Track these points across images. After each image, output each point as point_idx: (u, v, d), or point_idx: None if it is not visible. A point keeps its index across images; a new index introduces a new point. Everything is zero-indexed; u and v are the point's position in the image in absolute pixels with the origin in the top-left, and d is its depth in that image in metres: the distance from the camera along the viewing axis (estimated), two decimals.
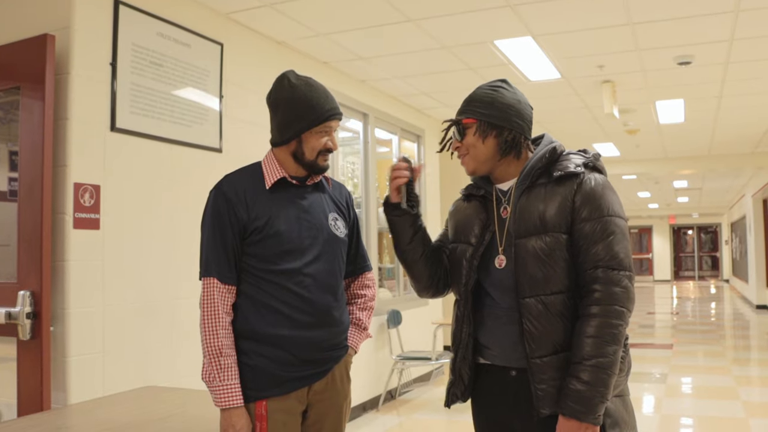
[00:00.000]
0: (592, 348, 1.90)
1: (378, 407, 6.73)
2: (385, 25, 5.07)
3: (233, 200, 2.30)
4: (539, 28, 5.20)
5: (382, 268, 7.57)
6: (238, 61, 4.80)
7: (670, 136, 10.08)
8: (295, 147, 2.35)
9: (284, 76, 2.38)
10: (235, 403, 2.22)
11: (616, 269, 1.95)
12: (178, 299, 4.09)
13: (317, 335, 2.34)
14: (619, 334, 1.93)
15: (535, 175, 2.09)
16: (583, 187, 2.02)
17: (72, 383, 3.43)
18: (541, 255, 1.99)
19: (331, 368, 2.39)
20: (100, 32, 3.70)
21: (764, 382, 8.15)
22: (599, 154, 2.16)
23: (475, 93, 2.18)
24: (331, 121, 2.36)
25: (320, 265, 2.36)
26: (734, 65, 6.23)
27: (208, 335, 2.23)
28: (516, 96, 2.15)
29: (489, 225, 2.17)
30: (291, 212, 2.35)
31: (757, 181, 15.14)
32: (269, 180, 2.36)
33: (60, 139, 3.50)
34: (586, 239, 1.98)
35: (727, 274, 29.94)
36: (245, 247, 2.30)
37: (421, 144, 8.28)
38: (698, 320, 15.23)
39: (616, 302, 1.93)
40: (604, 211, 1.99)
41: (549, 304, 1.98)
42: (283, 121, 2.35)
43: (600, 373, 1.89)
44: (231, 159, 4.54)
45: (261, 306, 2.29)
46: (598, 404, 1.89)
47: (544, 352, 1.97)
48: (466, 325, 2.15)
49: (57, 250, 3.47)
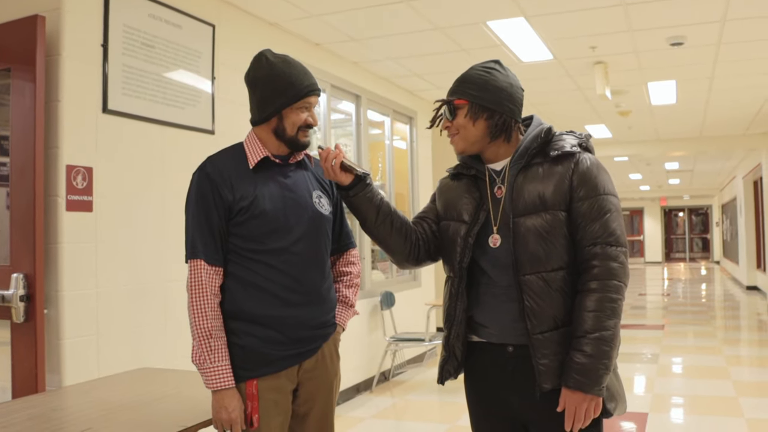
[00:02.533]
0: (594, 321, 1.96)
1: (371, 389, 6.76)
2: (378, 6, 5.05)
3: (217, 181, 2.30)
4: (532, 9, 5.18)
5: (375, 250, 7.57)
6: (231, 42, 4.78)
7: (662, 117, 10.09)
8: (276, 124, 2.35)
9: (261, 55, 2.38)
10: (227, 384, 2.23)
11: (613, 245, 2.02)
12: (171, 281, 4.09)
13: (306, 313, 2.36)
14: (618, 308, 2.00)
15: (531, 155, 2.13)
16: (579, 166, 2.08)
17: (66, 365, 3.44)
18: (542, 232, 2.03)
19: (320, 346, 2.41)
20: (91, 13, 3.67)
21: (754, 362, 8.23)
22: (590, 135, 2.22)
23: (468, 73, 2.19)
24: (310, 97, 2.36)
25: (306, 244, 2.37)
26: (726, 46, 6.23)
27: (197, 317, 2.23)
28: (508, 79, 2.17)
29: (483, 204, 2.18)
30: (275, 191, 2.35)
31: (748, 163, 15.19)
32: (252, 160, 2.36)
33: (51, 121, 3.48)
34: (584, 217, 2.04)
35: (717, 256, 30.10)
36: (231, 228, 2.31)
37: (413, 126, 8.27)
38: (689, 301, 15.32)
39: (614, 277, 2.00)
40: (600, 190, 2.05)
41: (550, 280, 2.03)
42: (262, 98, 2.35)
43: (602, 346, 1.95)
44: (223, 141, 4.48)
45: (249, 286, 2.30)
46: (602, 375, 1.95)
47: (545, 327, 2.01)
48: (461, 302, 2.17)
49: (50, 232, 3.46)
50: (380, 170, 7.74)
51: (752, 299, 15.04)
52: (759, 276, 15.94)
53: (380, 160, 7.74)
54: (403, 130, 8.26)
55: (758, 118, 10.23)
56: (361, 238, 6.84)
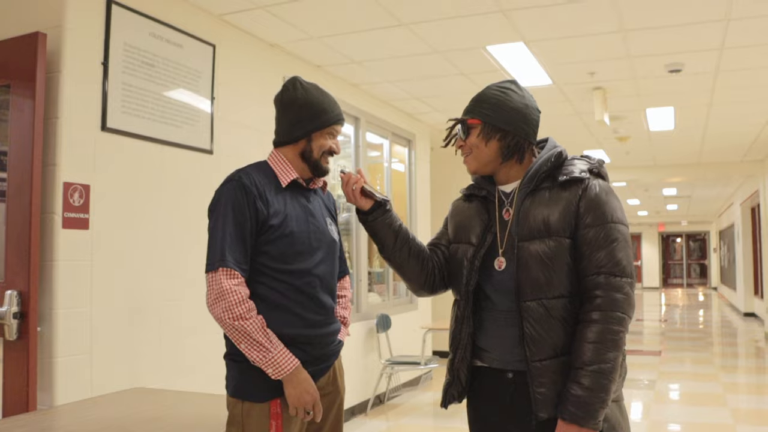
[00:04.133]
0: (593, 353, 1.91)
1: (366, 412, 6.72)
2: (378, 29, 5.07)
3: (254, 193, 2.30)
4: (531, 34, 5.21)
5: (372, 273, 7.56)
6: (231, 62, 4.79)
7: (660, 143, 10.12)
8: (303, 146, 2.42)
9: (296, 80, 2.46)
10: (297, 363, 2.24)
11: (617, 276, 1.96)
12: (168, 300, 4.07)
13: (325, 332, 2.41)
14: (619, 340, 1.94)
15: (540, 179, 2.09)
16: (587, 192, 2.03)
17: (58, 384, 3.40)
18: (545, 259, 1.99)
19: (332, 363, 2.46)
20: (92, 31, 3.69)
21: (752, 389, 8.19)
22: (603, 161, 2.16)
23: (483, 93, 2.18)
24: (337, 125, 2.46)
25: (325, 267, 2.43)
26: (724, 74, 6.26)
27: (242, 319, 2.19)
28: (524, 100, 2.15)
29: (491, 226, 2.16)
30: (300, 214, 2.40)
31: (746, 190, 15.22)
32: (284, 179, 2.40)
33: (50, 138, 3.48)
34: (589, 245, 1.99)
35: (715, 282, 30.07)
36: (259, 245, 2.31)
37: (411, 149, 8.28)
38: (686, 327, 15.28)
39: (617, 309, 1.94)
40: (608, 218, 2.00)
41: (550, 307, 1.98)
42: (295, 120, 2.41)
43: (601, 379, 1.90)
44: (222, 161, 4.53)
45: (274, 307, 2.30)
46: (599, 410, 1.90)
47: (544, 355, 1.97)
48: (467, 326, 2.15)
49: (45, 249, 3.44)
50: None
51: (750, 326, 15.00)
52: (756, 302, 15.90)
53: (378, 182, 7.74)
54: (402, 152, 8.27)
55: (756, 144, 10.26)
56: (358, 261, 6.83)
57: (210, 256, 2.28)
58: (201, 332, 4.24)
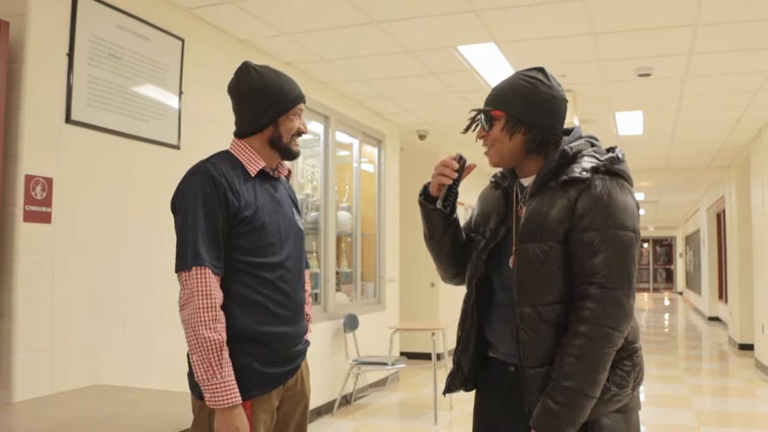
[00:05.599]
0: (573, 369, 1.80)
1: (333, 412, 6.68)
2: (349, 27, 5.04)
3: (224, 185, 2.18)
4: (503, 35, 5.22)
5: (340, 272, 7.53)
6: (200, 58, 4.73)
7: (628, 148, 10.19)
8: (271, 133, 2.34)
9: (248, 66, 2.36)
10: (237, 399, 2.09)
11: (610, 288, 1.82)
12: (131, 297, 4.01)
13: (295, 331, 2.33)
14: (604, 357, 1.81)
15: (546, 178, 1.97)
16: (588, 193, 1.88)
17: (17, 382, 3.32)
18: (536, 263, 1.89)
19: (299, 364, 2.38)
20: (57, 21, 3.61)
21: (716, 392, 8.28)
22: (617, 157, 1.98)
23: (509, 82, 2.05)
24: (301, 104, 2.38)
25: (294, 260, 2.36)
26: (693, 78, 6.32)
27: (206, 330, 2.06)
28: (551, 90, 2.00)
29: (506, 220, 2.08)
30: (269, 204, 2.31)
31: (712, 195, 15.42)
32: (252, 168, 2.31)
33: (12, 129, 3.40)
34: (584, 250, 1.85)
35: (681, 287, 30.45)
36: (230, 239, 2.20)
37: (381, 148, 8.26)
38: (652, 331, 15.43)
39: (606, 323, 1.81)
40: (607, 222, 1.85)
41: (544, 313, 1.87)
42: (257, 108, 2.32)
43: (574, 396, 1.79)
44: (189, 156, 4.45)
45: (247, 303, 2.20)
46: (565, 427, 1.80)
47: (537, 362, 1.88)
48: (470, 318, 2.11)
49: (5, 243, 3.36)
50: (347, 192, 7.71)
51: (714, 330, 15.19)
52: (721, 307, 16.11)
53: (348, 182, 7.71)
54: (372, 152, 8.25)
55: (722, 150, 10.39)
56: (326, 260, 6.79)
57: (182, 253, 2.15)
58: (165, 330, 4.18)
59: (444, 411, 6.70)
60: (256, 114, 2.33)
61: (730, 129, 8.75)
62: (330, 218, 6.86)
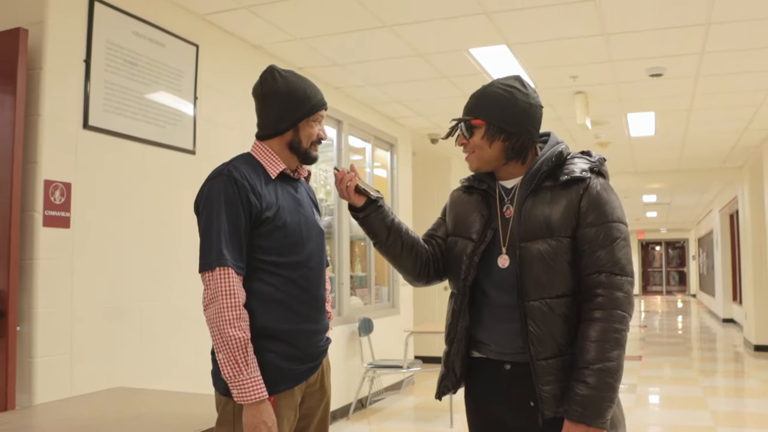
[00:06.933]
0: (597, 352, 1.92)
1: (348, 416, 6.69)
2: (361, 31, 5.07)
3: (246, 187, 2.23)
4: (514, 37, 5.23)
5: (354, 276, 7.54)
6: (214, 63, 4.77)
7: (640, 149, 10.19)
8: (291, 136, 2.36)
9: (273, 69, 2.39)
10: (264, 395, 2.14)
11: (618, 274, 1.97)
12: (149, 301, 4.04)
13: (317, 328, 2.37)
14: (622, 338, 1.95)
15: (541, 178, 2.08)
16: (589, 192, 2.03)
17: (38, 384, 3.36)
18: (547, 258, 1.99)
19: (321, 362, 2.41)
20: (75, 28, 3.66)
21: (731, 393, 8.24)
22: (604, 158, 2.17)
23: (487, 91, 2.15)
24: (322, 110, 2.40)
25: (316, 259, 2.39)
26: (704, 78, 6.31)
27: (231, 328, 2.10)
28: (528, 98, 2.11)
29: (491, 222, 2.15)
30: (291, 205, 2.34)
31: (725, 196, 15.35)
32: (273, 171, 2.34)
33: (31, 135, 3.44)
34: (590, 244, 1.99)
35: (694, 289, 30.30)
36: (252, 239, 2.24)
37: (394, 152, 8.28)
38: (666, 333, 15.38)
39: (618, 307, 1.95)
40: (609, 217, 2.01)
41: (554, 306, 1.98)
42: (279, 111, 2.34)
43: (606, 377, 1.90)
44: (204, 161, 4.50)
45: (269, 301, 2.24)
46: (606, 408, 1.90)
47: (548, 353, 1.97)
48: (462, 320, 2.15)
49: (25, 248, 3.40)
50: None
51: (728, 331, 15.11)
52: (735, 308, 16.02)
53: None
54: (384, 156, 8.27)
55: (735, 151, 10.36)
56: (340, 265, 6.81)
57: (205, 254, 2.19)
58: (183, 332, 4.21)
59: (459, 414, 6.69)
60: (278, 116, 2.35)
61: (742, 129, 8.73)
62: (344, 223, 6.89)
